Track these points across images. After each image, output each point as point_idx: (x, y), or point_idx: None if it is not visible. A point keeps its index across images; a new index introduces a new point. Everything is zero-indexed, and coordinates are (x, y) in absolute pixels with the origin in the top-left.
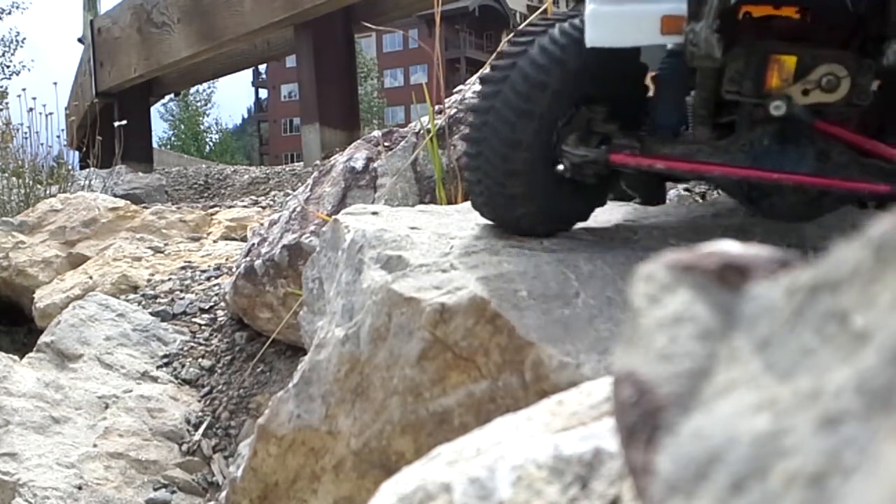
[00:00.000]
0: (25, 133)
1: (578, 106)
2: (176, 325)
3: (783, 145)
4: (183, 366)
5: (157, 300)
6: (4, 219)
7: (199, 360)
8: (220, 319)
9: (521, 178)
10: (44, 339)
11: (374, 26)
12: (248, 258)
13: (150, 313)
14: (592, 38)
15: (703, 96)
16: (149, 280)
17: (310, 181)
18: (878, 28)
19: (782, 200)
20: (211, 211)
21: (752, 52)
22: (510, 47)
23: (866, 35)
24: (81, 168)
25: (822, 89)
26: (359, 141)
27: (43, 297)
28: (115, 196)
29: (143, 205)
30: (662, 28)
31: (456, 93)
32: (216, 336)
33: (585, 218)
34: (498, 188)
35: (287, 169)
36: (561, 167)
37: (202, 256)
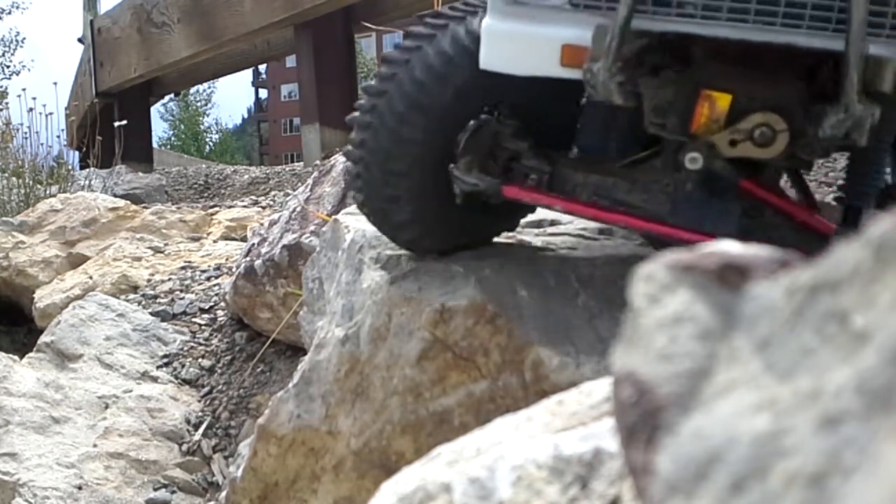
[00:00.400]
0: (25, 133)
1: (490, 112)
2: (176, 325)
3: (709, 195)
4: (183, 366)
5: (157, 300)
6: (4, 219)
7: (199, 360)
8: (220, 319)
9: (405, 181)
10: (44, 339)
11: (374, 26)
12: (248, 258)
13: (150, 313)
14: (486, 61)
15: (621, 124)
16: (149, 280)
17: (310, 181)
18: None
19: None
20: (211, 211)
21: (682, 82)
22: (421, 28)
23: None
24: (81, 168)
25: (754, 142)
26: None
27: (43, 297)
28: (115, 196)
29: (143, 205)
30: (563, 59)
31: None
32: (216, 336)
33: (489, 240)
34: (378, 186)
35: (287, 169)
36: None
37: (202, 256)
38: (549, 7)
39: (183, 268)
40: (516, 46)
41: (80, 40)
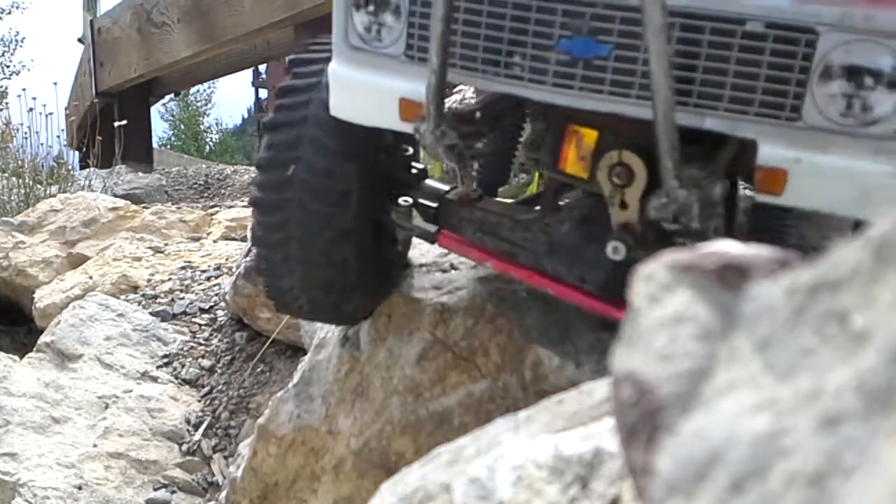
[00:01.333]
0: (25, 133)
1: (384, 149)
2: (176, 325)
3: (584, 239)
4: (183, 366)
5: (157, 300)
6: (4, 219)
7: (199, 360)
8: (220, 319)
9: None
10: (44, 339)
11: None
12: (248, 258)
13: (150, 313)
14: (334, 108)
15: (504, 161)
16: (149, 280)
17: None
18: None
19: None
20: (211, 211)
21: (552, 118)
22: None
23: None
24: (81, 168)
25: (613, 182)
26: None
27: (43, 297)
28: (115, 196)
29: (143, 205)
30: (402, 113)
31: (455, 92)
32: (216, 336)
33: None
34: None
35: None
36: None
37: (202, 256)
38: (387, 56)
39: (183, 268)
40: (358, 96)
41: (80, 40)
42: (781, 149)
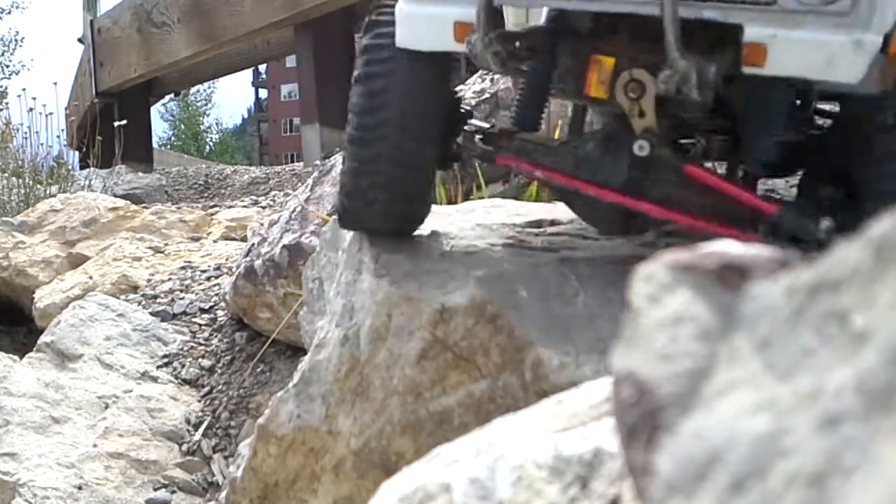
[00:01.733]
0: (25, 133)
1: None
2: (176, 325)
3: (603, 153)
4: (183, 366)
5: (157, 300)
6: (4, 219)
7: (199, 360)
8: (220, 319)
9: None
10: (44, 339)
11: None
12: (248, 258)
13: (150, 313)
14: (400, 39)
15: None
16: (149, 280)
17: (310, 181)
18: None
19: (598, 214)
20: (211, 211)
21: (576, 51)
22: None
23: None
24: (81, 168)
25: (629, 97)
26: None
27: (43, 297)
28: (115, 196)
29: (143, 205)
30: (455, 35)
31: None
32: (216, 336)
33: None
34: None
35: (287, 169)
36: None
37: (202, 256)
38: None
39: (183, 268)
40: (420, 25)
41: (80, 40)
42: (761, 28)
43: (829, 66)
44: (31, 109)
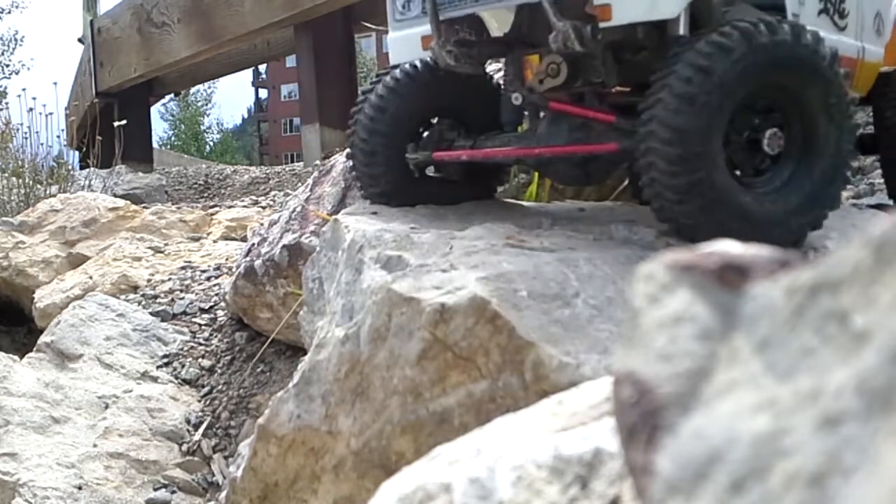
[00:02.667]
0: (25, 133)
1: (435, 115)
2: (176, 325)
3: (551, 127)
4: (183, 366)
5: (157, 300)
6: (4, 219)
7: (199, 360)
8: (220, 319)
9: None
10: (44, 339)
11: (374, 26)
12: (248, 258)
13: (150, 313)
14: (393, 58)
15: (504, 99)
16: (149, 280)
17: (310, 181)
18: None
19: (556, 168)
20: (211, 211)
21: (513, 58)
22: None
23: None
24: (81, 168)
25: (550, 76)
26: None
27: (43, 297)
28: (115, 196)
29: (143, 205)
30: (423, 45)
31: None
32: (216, 336)
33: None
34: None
35: (287, 169)
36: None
37: (202, 256)
38: (413, 17)
39: (183, 268)
40: (402, 44)
41: (80, 40)
42: None
43: (653, 6)
44: (31, 109)
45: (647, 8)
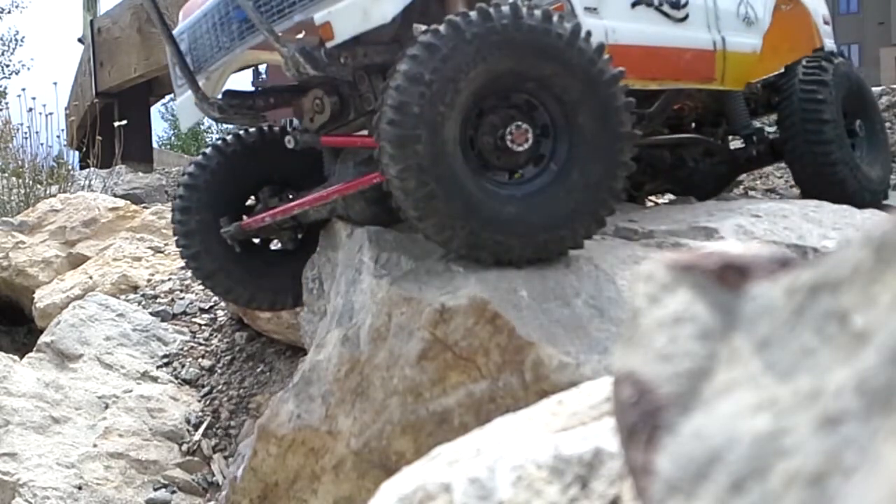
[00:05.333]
0: (25, 133)
1: (260, 184)
2: (176, 325)
3: (341, 167)
4: (183, 366)
5: (157, 300)
6: (4, 219)
7: (199, 360)
8: (220, 319)
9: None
10: (44, 339)
11: None
12: None
13: (150, 313)
14: (182, 123)
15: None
16: (149, 280)
17: None
18: None
19: (355, 209)
20: None
21: (293, 102)
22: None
23: None
24: (81, 168)
25: (316, 112)
26: None
27: (43, 297)
28: (115, 196)
29: (143, 205)
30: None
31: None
32: (216, 336)
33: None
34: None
35: None
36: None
37: None
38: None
39: (183, 268)
40: (186, 108)
41: (80, 40)
42: (322, 11)
43: (366, 17)
44: (30, 109)
45: (361, 19)
